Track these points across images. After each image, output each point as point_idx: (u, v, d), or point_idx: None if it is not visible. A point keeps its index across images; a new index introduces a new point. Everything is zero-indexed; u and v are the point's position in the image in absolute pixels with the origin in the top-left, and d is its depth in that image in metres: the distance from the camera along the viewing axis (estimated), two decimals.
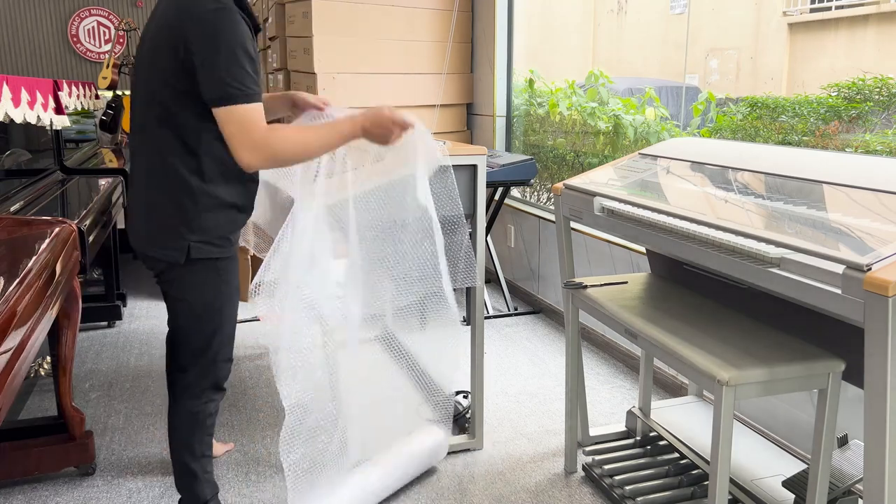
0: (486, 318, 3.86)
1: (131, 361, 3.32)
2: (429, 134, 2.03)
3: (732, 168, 2.03)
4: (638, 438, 2.46)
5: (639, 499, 2.09)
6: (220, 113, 1.67)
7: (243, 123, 1.67)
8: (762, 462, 2.17)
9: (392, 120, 1.86)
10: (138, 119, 1.80)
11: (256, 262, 4.24)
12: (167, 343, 1.99)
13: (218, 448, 2.48)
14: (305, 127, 1.86)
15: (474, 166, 2.31)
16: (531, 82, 4.57)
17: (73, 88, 3.74)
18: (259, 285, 2.09)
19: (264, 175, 2.27)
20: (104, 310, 3.79)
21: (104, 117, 5.43)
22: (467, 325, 3.54)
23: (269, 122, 1.73)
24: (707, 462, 2.17)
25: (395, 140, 1.89)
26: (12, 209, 2.66)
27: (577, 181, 2.29)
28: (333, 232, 2.09)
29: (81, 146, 4.48)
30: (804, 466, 2.07)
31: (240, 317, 3.91)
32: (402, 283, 2.18)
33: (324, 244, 2.03)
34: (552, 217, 3.87)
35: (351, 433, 2.15)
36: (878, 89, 2.74)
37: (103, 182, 3.55)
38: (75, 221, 2.47)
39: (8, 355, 1.47)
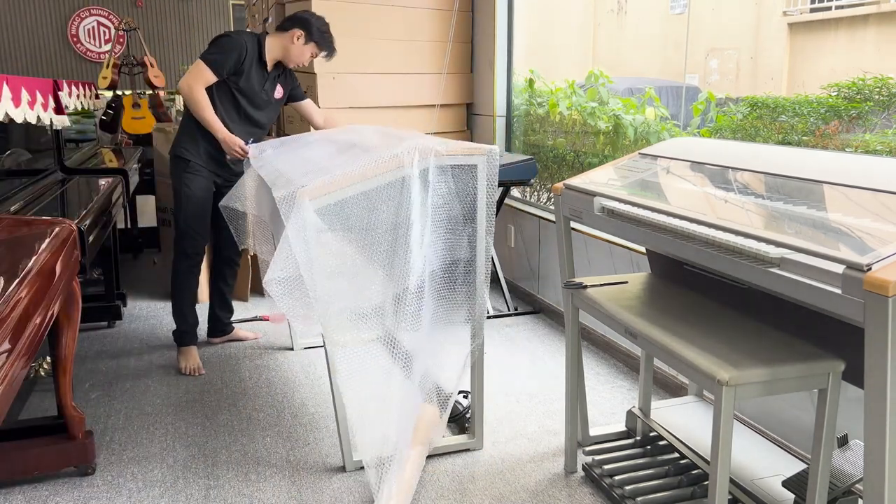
0: (487, 318, 3.86)
1: (131, 361, 3.32)
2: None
3: (732, 168, 2.03)
4: (638, 438, 2.46)
5: (639, 499, 2.09)
6: None
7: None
8: (762, 462, 2.17)
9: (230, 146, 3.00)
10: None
11: (256, 262, 4.23)
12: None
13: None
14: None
15: (474, 166, 2.31)
16: (531, 82, 4.57)
17: (73, 88, 3.74)
18: (272, 282, 2.08)
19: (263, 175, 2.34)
20: (104, 310, 3.79)
21: (104, 117, 5.44)
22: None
23: None
24: (707, 462, 2.17)
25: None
26: (12, 209, 2.66)
27: (577, 181, 2.29)
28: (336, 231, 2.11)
29: (81, 146, 4.48)
30: (804, 466, 2.07)
31: (241, 316, 3.91)
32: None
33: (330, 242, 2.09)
34: (552, 217, 3.87)
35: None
36: (878, 89, 2.74)
37: (103, 182, 3.54)
38: (75, 221, 2.47)
39: (8, 355, 1.47)
